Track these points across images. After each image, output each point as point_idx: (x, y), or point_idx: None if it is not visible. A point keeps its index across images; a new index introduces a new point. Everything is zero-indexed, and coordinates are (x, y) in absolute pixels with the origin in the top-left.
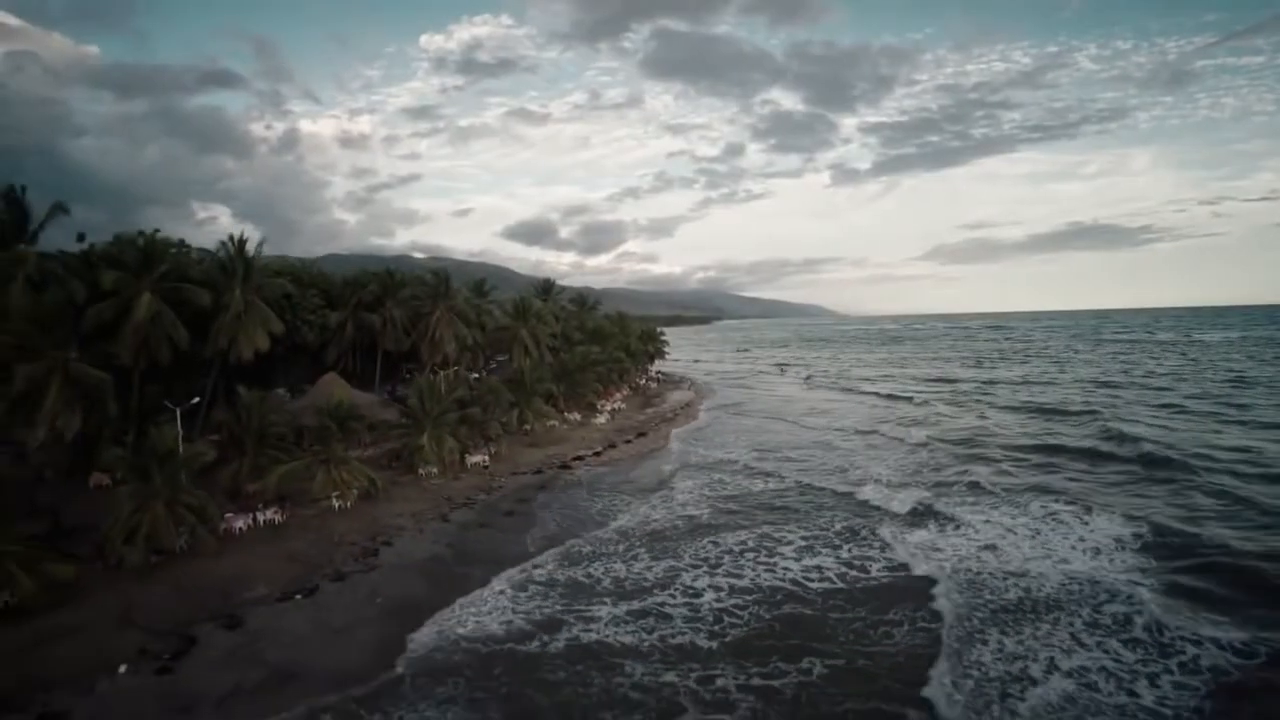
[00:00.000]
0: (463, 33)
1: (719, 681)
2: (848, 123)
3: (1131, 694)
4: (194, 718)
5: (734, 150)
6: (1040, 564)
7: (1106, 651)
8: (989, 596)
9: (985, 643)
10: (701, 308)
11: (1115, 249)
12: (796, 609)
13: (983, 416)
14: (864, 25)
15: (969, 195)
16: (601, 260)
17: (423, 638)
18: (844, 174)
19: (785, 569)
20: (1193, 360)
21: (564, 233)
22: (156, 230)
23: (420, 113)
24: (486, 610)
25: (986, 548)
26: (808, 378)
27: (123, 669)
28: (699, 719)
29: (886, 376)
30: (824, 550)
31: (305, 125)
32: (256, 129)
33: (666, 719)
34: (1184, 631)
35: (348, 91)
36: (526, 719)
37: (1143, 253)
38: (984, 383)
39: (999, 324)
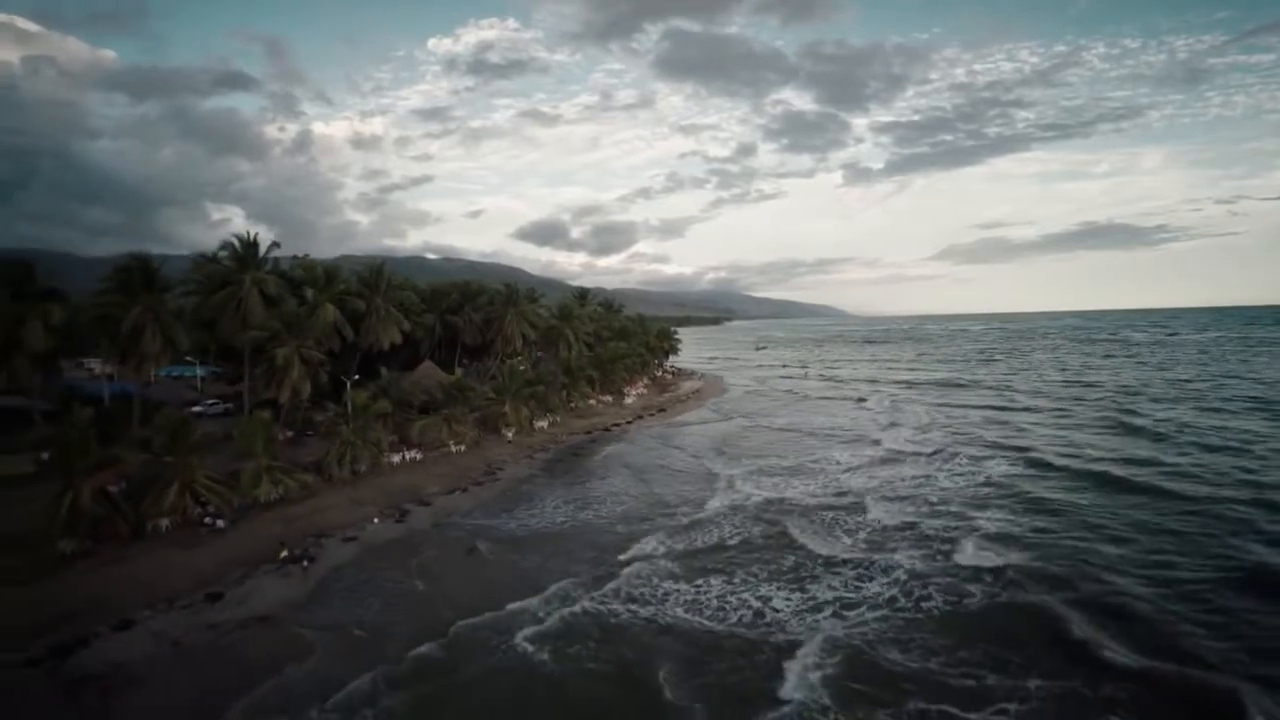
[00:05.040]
0: (469, 36)
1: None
2: (860, 122)
3: None
4: (423, 541)
5: (746, 150)
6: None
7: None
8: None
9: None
10: (712, 308)
11: (1130, 248)
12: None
13: (876, 412)
14: (876, 24)
15: (982, 195)
16: (613, 261)
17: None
18: (856, 174)
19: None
20: (1141, 363)
21: (575, 233)
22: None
23: (431, 114)
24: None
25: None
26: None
27: (375, 520)
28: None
29: (834, 380)
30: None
31: (318, 127)
32: (270, 131)
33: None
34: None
35: (359, 93)
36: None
37: (1159, 252)
38: (905, 383)
39: (999, 325)
